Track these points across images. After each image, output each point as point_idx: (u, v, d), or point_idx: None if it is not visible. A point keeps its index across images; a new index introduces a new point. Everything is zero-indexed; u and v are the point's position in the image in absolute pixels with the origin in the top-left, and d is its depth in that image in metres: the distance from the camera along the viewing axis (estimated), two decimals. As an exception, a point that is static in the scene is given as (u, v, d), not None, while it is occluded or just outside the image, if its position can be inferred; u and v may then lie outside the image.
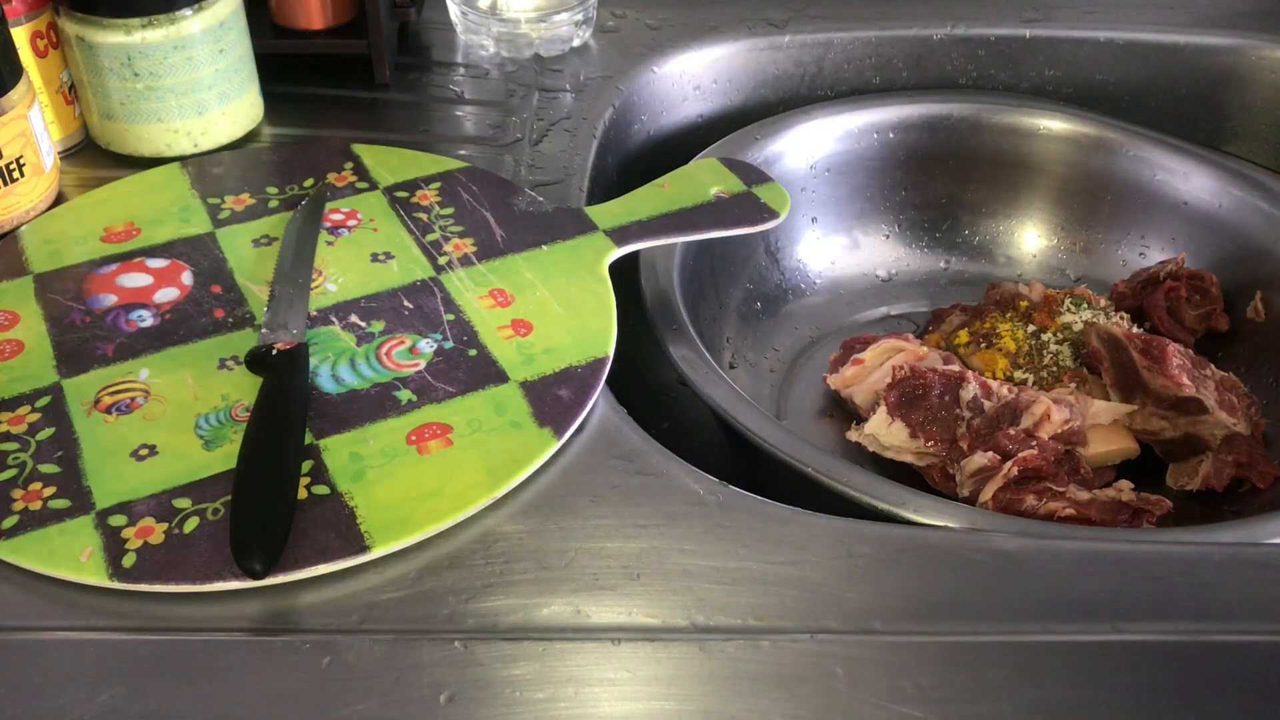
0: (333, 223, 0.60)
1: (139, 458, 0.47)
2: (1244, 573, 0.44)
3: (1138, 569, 0.44)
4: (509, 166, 0.67)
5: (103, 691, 0.39)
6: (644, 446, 0.49)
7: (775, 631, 0.42)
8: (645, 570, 0.44)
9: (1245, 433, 0.61)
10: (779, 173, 0.72)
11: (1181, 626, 0.42)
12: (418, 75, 0.76)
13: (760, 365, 0.72)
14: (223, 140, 0.67)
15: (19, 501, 0.45)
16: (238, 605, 0.42)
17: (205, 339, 0.53)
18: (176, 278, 0.57)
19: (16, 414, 0.49)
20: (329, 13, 0.73)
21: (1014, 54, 0.81)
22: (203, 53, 0.64)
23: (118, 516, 0.44)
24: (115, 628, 0.42)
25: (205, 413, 0.49)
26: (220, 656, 0.41)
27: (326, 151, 0.66)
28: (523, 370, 0.51)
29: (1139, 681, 0.40)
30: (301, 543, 0.43)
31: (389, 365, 0.51)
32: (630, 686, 0.40)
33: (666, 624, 0.42)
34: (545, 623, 0.42)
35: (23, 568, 0.43)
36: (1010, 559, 0.45)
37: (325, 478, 0.46)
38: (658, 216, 0.60)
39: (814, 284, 0.76)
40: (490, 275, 0.56)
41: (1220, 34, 0.80)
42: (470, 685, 0.40)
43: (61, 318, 0.54)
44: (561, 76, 0.76)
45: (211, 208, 0.62)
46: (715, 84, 0.80)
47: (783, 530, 0.45)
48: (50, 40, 0.65)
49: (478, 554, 0.44)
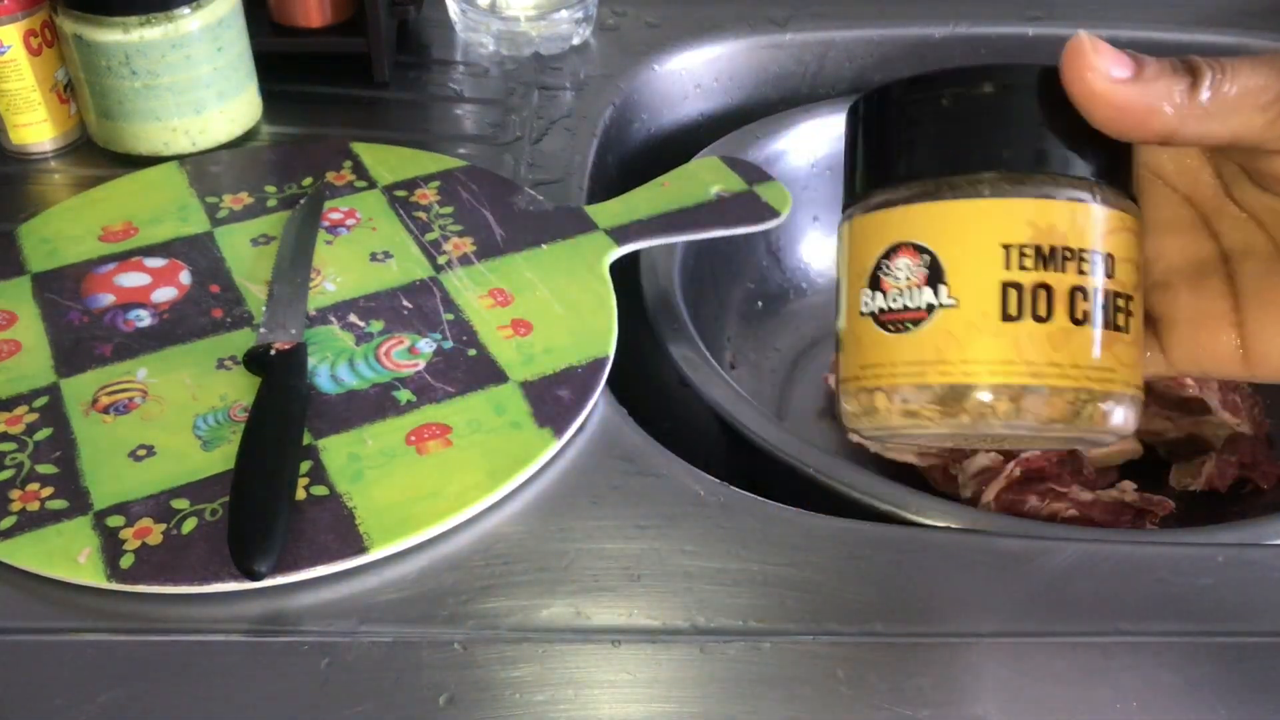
0: (331, 222, 0.60)
1: (137, 458, 0.47)
2: (1247, 574, 0.44)
3: (1140, 570, 0.44)
4: (509, 165, 0.67)
5: (101, 693, 0.39)
6: (644, 447, 0.49)
7: (776, 633, 0.41)
8: (646, 571, 0.44)
9: (1249, 433, 0.61)
10: (780, 171, 0.72)
11: (1184, 627, 0.42)
12: (417, 74, 0.76)
13: (761, 365, 0.71)
14: (221, 139, 0.67)
15: (16, 502, 0.45)
16: (236, 606, 0.42)
17: (203, 339, 0.53)
18: (175, 277, 0.56)
19: (14, 414, 0.49)
20: (328, 11, 0.73)
21: (1017, 53, 0.80)
22: (201, 51, 0.64)
23: (115, 517, 0.44)
24: (113, 629, 0.41)
25: (203, 413, 0.49)
26: (218, 658, 0.40)
27: (325, 150, 0.66)
28: (522, 370, 0.51)
29: (1141, 682, 0.40)
30: (300, 543, 0.43)
31: (388, 365, 0.51)
32: (630, 688, 0.40)
33: (667, 625, 0.42)
34: (545, 624, 0.42)
35: (20, 569, 0.43)
36: (1013, 560, 0.44)
37: (324, 478, 0.46)
38: (658, 215, 0.59)
39: (815, 283, 0.76)
40: (490, 274, 0.56)
41: (1224, 32, 0.80)
42: (470, 687, 0.39)
43: (59, 317, 0.54)
44: (561, 75, 0.76)
45: (210, 207, 0.61)
46: (716, 82, 0.80)
47: (784, 531, 0.45)
48: (45, 38, 0.64)
49: (477, 555, 0.44)
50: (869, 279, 0.33)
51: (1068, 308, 0.30)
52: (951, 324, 0.31)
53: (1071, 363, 0.30)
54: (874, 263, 0.32)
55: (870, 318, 0.33)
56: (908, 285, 0.31)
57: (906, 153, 0.32)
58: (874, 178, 0.33)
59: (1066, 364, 0.30)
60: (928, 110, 0.32)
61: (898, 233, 0.32)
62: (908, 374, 0.32)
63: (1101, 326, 0.31)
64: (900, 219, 0.32)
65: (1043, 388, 0.30)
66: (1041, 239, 0.30)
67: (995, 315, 0.31)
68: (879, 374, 0.33)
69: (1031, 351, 0.30)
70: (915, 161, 0.32)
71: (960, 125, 0.32)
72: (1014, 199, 0.31)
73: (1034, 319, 0.30)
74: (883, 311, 0.32)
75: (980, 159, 0.31)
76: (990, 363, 0.31)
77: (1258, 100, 0.29)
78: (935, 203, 0.31)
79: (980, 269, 0.31)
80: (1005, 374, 0.31)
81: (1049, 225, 0.30)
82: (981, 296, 0.31)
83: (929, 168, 0.32)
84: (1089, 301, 0.31)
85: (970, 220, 0.31)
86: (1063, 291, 0.30)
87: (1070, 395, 0.31)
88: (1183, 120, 0.29)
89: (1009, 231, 0.30)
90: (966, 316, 0.31)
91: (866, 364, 0.33)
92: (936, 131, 0.32)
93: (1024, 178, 0.31)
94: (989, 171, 0.31)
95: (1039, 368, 0.30)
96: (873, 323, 0.32)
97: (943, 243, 0.31)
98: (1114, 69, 0.29)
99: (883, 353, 0.32)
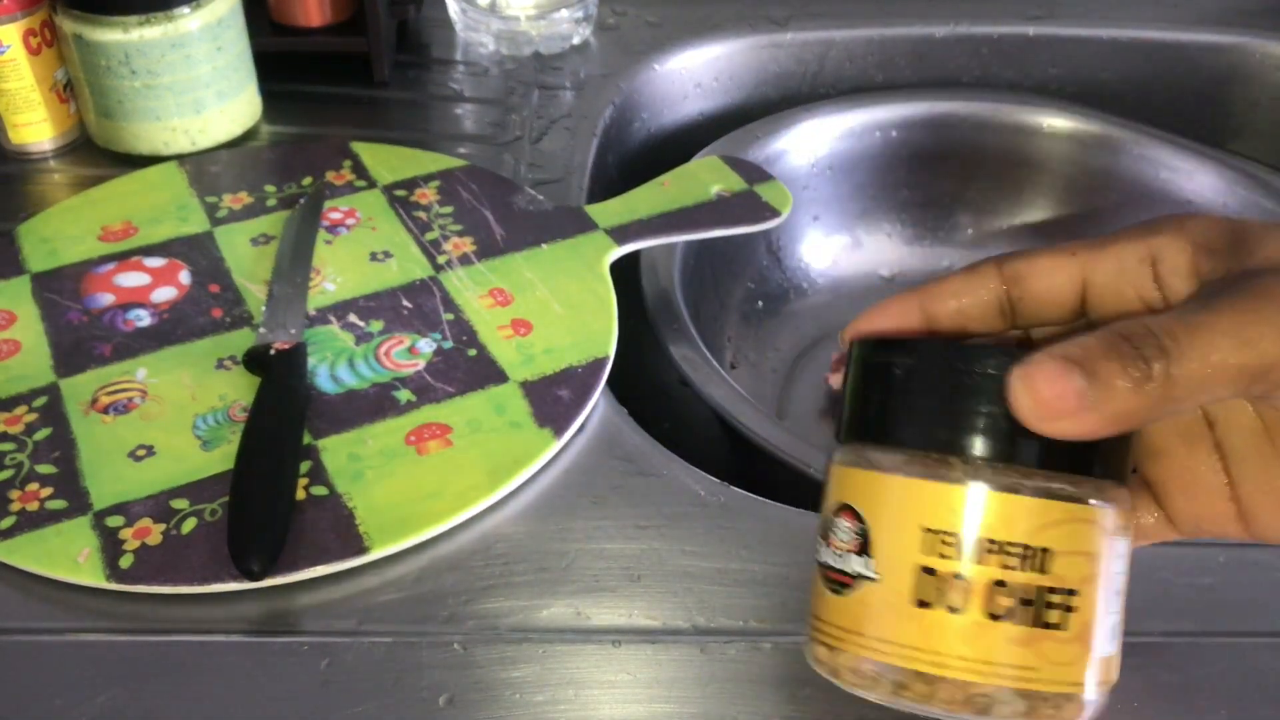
0: (331, 221, 0.60)
1: (136, 458, 0.47)
2: (1249, 574, 0.44)
3: (1142, 570, 0.44)
4: (509, 165, 0.67)
5: (100, 693, 0.39)
6: (645, 447, 0.49)
7: (777, 633, 0.41)
8: (646, 572, 0.44)
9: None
10: (780, 171, 0.72)
11: (1185, 627, 0.42)
12: (417, 73, 0.76)
13: (762, 365, 0.71)
14: (220, 139, 0.67)
15: (16, 502, 0.45)
16: (236, 607, 0.42)
17: (203, 339, 0.53)
18: (174, 277, 0.56)
19: (13, 414, 0.49)
20: (327, 10, 0.72)
21: (1017, 52, 0.80)
22: (200, 50, 0.64)
23: (115, 517, 0.44)
24: (112, 629, 0.41)
25: (203, 413, 0.49)
26: (218, 658, 0.40)
27: (325, 150, 0.65)
28: (522, 370, 0.51)
29: (1142, 683, 0.40)
30: (300, 544, 0.43)
31: (388, 365, 0.51)
32: (631, 689, 0.40)
33: (667, 626, 0.42)
34: (545, 624, 0.42)
35: (20, 569, 0.43)
36: (1014, 560, 0.44)
37: (324, 478, 0.46)
38: (658, 215, 0.59)
39: (816, 283, 0.76)
40: (490, 274, 0.56)
41: (1225, 32, 0.80)
42: (470, 687, 0.39)
43: (59, 317, 0.54)
44: (561, 74, 0.76)
45: (209, 206, 0.61)
46: (716, 82, 0.80)
47: (785, 531, 0.45)
48: (44, 38, 0.64)
49: (477, 555, 0.44)
50: (821, 527, 0.33)
51: (984, 602, 0.29)
52: (870, 598, 0.31)
53: (983, 659, 0.29)
54: (829, 514, 0.32)
55: (819, 567, 0.33)
56: (845, 548, 0.31)
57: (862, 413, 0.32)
58: (844, 429, 0.33)
59: (977, 659, 0.30)
60: (878, 374, 0.32)
61: (845, 493, 0.32)
62: (839, 637, 0.32)
63: (1029, 623, 0.29)
64: (850, 479, 0.32)
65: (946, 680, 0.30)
66: (964, 528, 0.29)
67: (910, 598, 0.30)
68: (818, 629, 0.33)
69: (939, 641, 0.30)
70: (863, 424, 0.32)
71: (902, 397, 0.31)
72: (943, 483, 0.30)
73: (947, 609, 0.30)
74: (825, 566, 0.32)
75: (914, 435, 0.31)
76: (900, 645, 0.30)
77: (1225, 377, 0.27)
78: (872, 472, 0.31)
79: (900, 548, 0.30)
80: (909, 660, 0.30)
81: (976, 514, 0.29)
82: (899, 576, 0.30)
83: (870, 433, 0.32)
84: (1012, 599, 0.29)
85: (900, 497, 0.30)
86: (982, 585, 0.29)
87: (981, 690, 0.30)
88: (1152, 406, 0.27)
89: (934, 516, 0.30)
90: (883, 594, 0.30)
91: (812, 613, 0.33)
92: (879, 398, 0.32)
93: (955, 461, 0.30)
94: (921, 450, 0.30)
95: (944, 659, 0.30)
96: (819, 573, 0.33)
97: (873, 515, 0.31)
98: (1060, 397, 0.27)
99: (823, 608, 0.32)
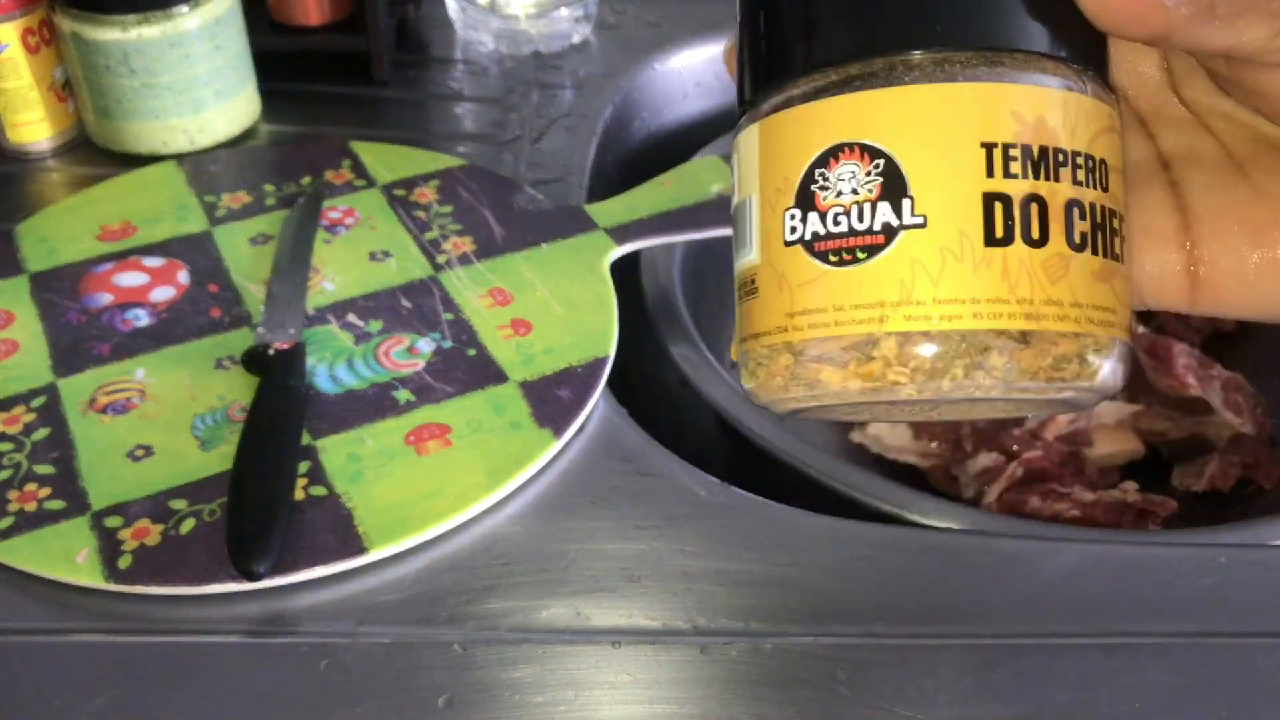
0: (330, 221, 0.60)
1: (135, 458, 0.47)
2: (1250, 575, 0.44)
3: (1143, 571, 0.44)
4: (508, 164, 0.67)
5: (99, 693, 0.39)
6: (644, 447, 0.49)
7: (777, 634, 0.41)
8: (646, 572, 0.43)
9: (1251, 433, 0.61)
10: (780, 170, 0.71)
11: (1186, 628, 0.42)
12: (416, 72, 0.76)
13: (761, 364, 0.71)
14: (219, 138, 0.67)
15: (14, 503, 0.45)
16: (234, 607, 0.42)
17: (202, 338, 0.53)
18: (173, 276, 0.56)
19: (12, 414, 0.49)
20: (327, 9, 0.72)
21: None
22: (199, 49, 0.64)
23: (113, 518, 0.44)
24: (111, 630, 0.41)
25: (201, 413, 0.49)
26: (217, 659, 0.40)
27: (324, 149, 0.65)
28: (522, 370, 0.51)
29: (1143, 684, 0.40)
30: (299, 544, 0.43)
31: (387, 365, 0.51)
32: (631, 690, 0.39)
33: (667, 626, 0.42)
34: (545, 625, 0.42)
35: (18, 569, 0.43)
36: (1014, 561, 0.44)
37: (323, 478, 0.46)
38: (659, 215, 0.59)
39: (815, 282, 0.76)
40: (489, 274, 0.56)
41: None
42: (469, 688, 0.39)
43: (57, 317, 0.54)
44: (561, 73, 0.76)
45: (208, 206, 0.61)
46: (716, 81, 0.79)
47: (785, 532, 0.45)
48: (43, 37, 0.64)
49: (477, 556, 0.44)
50: (796, 195, 0.24)
51: (1064, 228, 0.23)
52: (919, 250, 0.23)
53: (1072, 300, 0.23)
54: (802, 173, 0.24)
55: (801, 246, 0.24)
56: (855, 201, 0.24)
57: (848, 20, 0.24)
58: (797, 58, 0.25)
59: (1066, 302, 0.23)
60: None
61: (838, 130, 0.24)
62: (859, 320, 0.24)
63: (1103, 254, 0.24)
64: (841, 111, 0.24)
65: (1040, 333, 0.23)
66: (1031, 137, 0.23)
67: (978, 238, 0.23)
68: (816, 322, 0.24)
69: (1025, 287, 0.23)
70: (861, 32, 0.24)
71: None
72: (996, 83, 0.23)
73: (1026, 242, 0.23)
74: (819, 238, 0.24)
75: (951, 31, 0.23)
76: (975, 302, 0.23)
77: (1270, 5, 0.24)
78: (890, 89, 0.23)
79: (955, 176, 0.23)
80: (995, 317, 0.23)
81: (1038, 119, 0.23)
82: (958, 213, 0.23)
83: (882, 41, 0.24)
84: (1086, 221, 0.24)
85: (940, 111, 0.23)
86: (1058, 207, 0.23)
87: (1072, 343, 0.24)
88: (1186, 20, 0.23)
89: (991, 127, 0.23)
90: (939, 240, 0.23)
91: (797, 310, 0.24)
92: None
93: (1004, 57, 0.23)
94: (962, 49, 0.23)
95: (1036, 308, 0.23)
96: (804, 253, 0.24)
97: (902, 142, 0.23)
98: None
99: (823, 294, 0.24)
